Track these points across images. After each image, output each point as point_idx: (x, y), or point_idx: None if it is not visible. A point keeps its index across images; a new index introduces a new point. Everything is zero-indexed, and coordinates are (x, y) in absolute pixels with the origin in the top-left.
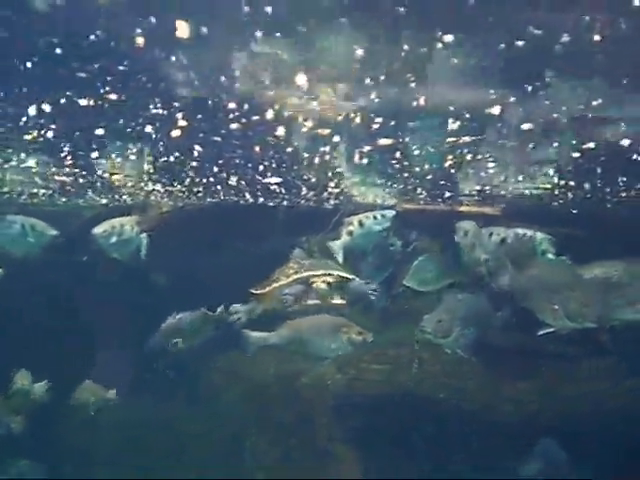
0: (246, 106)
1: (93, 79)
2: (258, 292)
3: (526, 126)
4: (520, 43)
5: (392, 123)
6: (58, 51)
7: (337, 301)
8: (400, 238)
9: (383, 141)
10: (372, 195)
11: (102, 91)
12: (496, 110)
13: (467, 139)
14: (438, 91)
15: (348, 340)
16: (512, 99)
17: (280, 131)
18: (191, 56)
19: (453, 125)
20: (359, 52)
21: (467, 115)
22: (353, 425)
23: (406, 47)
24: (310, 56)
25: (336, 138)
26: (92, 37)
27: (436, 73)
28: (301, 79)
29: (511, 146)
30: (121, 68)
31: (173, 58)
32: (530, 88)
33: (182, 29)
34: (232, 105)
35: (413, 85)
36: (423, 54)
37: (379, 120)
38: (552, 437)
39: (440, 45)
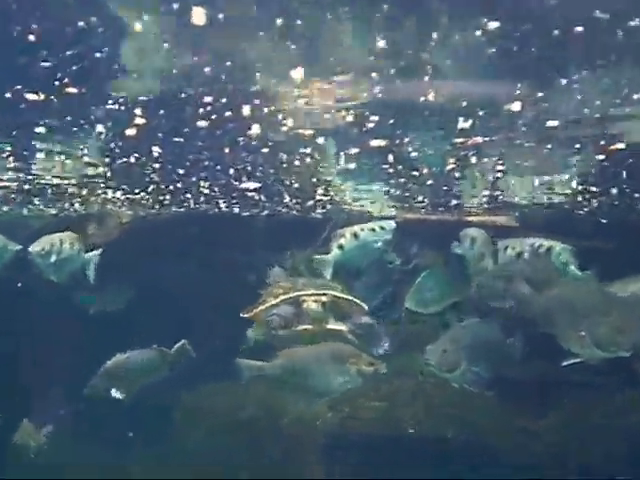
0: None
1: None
2: (245, 315)
3: (551, 123)
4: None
5: (391, 122)
6: None
7: (332, 326)
8: (399, 254)
9: (378, 142)
10: (367, 203)
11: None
12: (516, 106)
13: (479, 139)
14: (452, 85)
15: (357, 372)
16: (539, 94)
17: (265, 131)
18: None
19: (464, 124)
20: (380, 43)
21: (481, 112)
22: (349, 462)
23: (435, 36)
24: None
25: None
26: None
27: (458, 65)
28: (298, 73)
29: (529, 147)
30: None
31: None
32: (565, 82)
33: (198, 16)
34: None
35: (426, 78)
36: (455, 43)
37: (375, 119)
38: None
39: (479, 33)
